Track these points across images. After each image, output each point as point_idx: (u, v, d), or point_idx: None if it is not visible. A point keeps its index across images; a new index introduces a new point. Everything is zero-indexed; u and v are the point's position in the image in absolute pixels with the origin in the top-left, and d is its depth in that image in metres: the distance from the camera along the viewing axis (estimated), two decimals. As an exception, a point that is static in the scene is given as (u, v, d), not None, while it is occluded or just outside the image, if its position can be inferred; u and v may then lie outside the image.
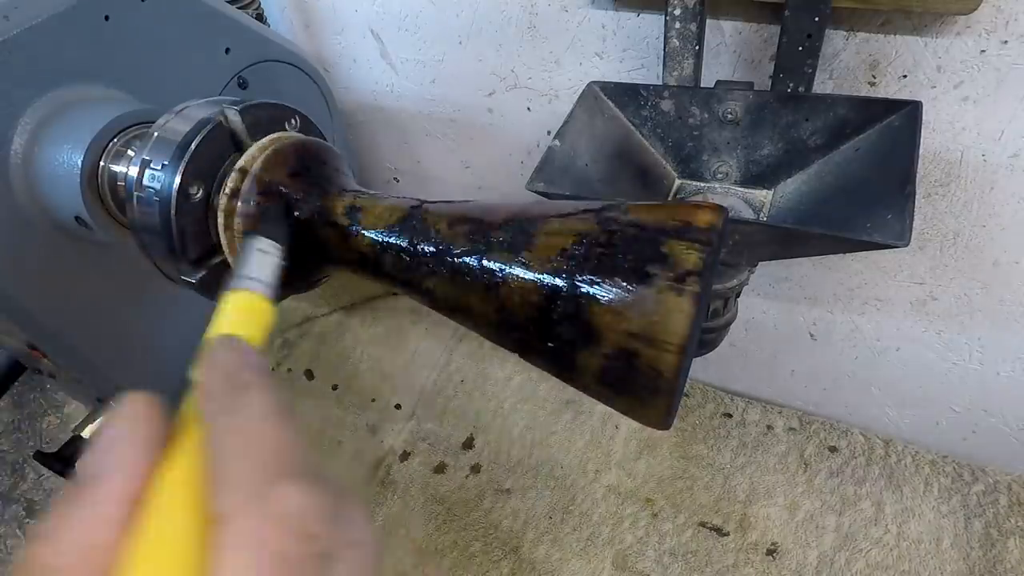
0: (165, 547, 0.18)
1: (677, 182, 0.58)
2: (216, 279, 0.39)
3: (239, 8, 0.64)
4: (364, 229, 0.35)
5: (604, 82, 0.56)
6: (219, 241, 0.37)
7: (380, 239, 0.34)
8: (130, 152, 0.45)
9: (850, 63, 0.54)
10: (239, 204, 0.36)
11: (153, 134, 0.38)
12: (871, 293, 0.67)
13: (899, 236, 0.39)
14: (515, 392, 0.79)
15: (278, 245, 0.32)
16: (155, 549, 0.18)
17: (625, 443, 0.73)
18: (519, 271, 0.28)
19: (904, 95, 0.53)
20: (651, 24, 0.59)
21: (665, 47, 0.52)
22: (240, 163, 0.36)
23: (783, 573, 0.61)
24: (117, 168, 0.45)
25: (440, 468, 0.73)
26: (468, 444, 0.75)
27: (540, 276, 0.27)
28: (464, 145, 0.81)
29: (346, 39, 0.78)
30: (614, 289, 0.25)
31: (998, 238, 0.57)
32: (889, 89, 0.54)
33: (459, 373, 0.81)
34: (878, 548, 0.62)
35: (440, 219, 0.32)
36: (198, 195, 0.36)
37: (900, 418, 0.75)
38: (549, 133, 0.73)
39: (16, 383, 0.68)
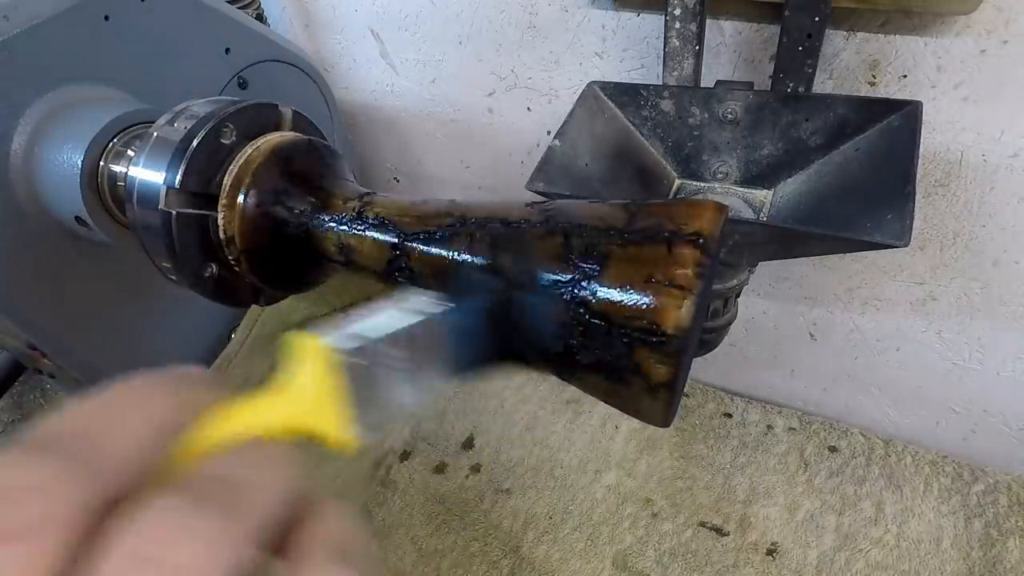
0: None
1: (677, 182, 0.58)
2: (228, 286, 0.39)
3: (239, 8, 0.64)
4: (359, 259, 0.35)
5: (604, 82, 0.56)
6: (222, 251, 0.38)
7: (376, 269, 0.35)
8: (130, 152, 0.45)
9: (850, 63, 0.54)
10: (235, 214, 0.36)
11: (153, 134, 0.38)
12: (871, 293, 0.67)
13: (899, 236, 0.39)
14: (515, 392, 0.79)
15: (444, 306, 0.22)
16: None
17: (625, 443, 0.73)
18: None
19: (904, 95, 0.53)
20: (651, 24, 0.59)
21: (665, 47, 0.52)
22: (230, 177, 0.37)
23: (783, 573, 0.61)
24: (117, 168, 0.45)
25: (440, 468, 0.73)
26: (468, 444, 0.75)
27: None
28: (464, 145, 0.81)
29: (346, 39, 0.79)
30: (591, 383, 0.27)
31: (998, 238, 0.57)
32: (889, 89, 0.54)
33: (461, 380, 0.81)
34: (878, 548, 0.62)
35: (426, 258, 0.32)
36: (195, 216, 0.37)
37: (900, 418, 0.75)
38: (549, 133, 0.73)
39: (16, 383, 0.68)
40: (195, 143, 0.36)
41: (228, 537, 0.14)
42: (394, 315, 0.21)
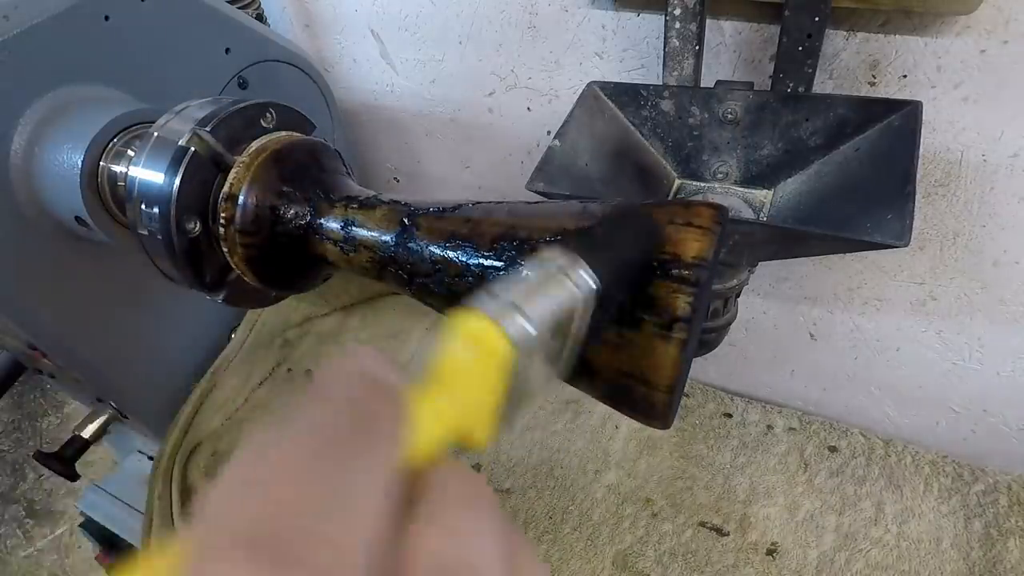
0: None
1: (677, 182, 0.58)
2: (240, 290, 0.39)
3: (239, 8, 0.64)
4: (358, 250, 0.35)
5: (604, 82, 0.56)
6: (230, 262, 0.38)
7: (376, 258, 0.34)
8: (130, 152, 0.45)
9: (850, 63, 0.54)
10: (236, 232, 0.36)
11: (153, 134, 0.38)
12: (871, 293, 0.67)
13: (899, 236, 0.39)
14: (515, 392, 0.79)
15: (595, 284, 0.20)
16: None
17: (625, 443, 0.73)
18: None
19: (904, 95, 0.53)
20: (651, 24, 0.59)
21: (665, 47, 0.52)
22: (226, 189, 0.36)
23: (783, 573, 0.61)
24: (117, 168, 0.45)
25: (440, 468, 0.72)
26: (468, 444, 0.75)
27: None
28: (464, 145, 0.81)
29: (346, 39, 0.78)
30: (604, 332, 0.25)
31: (998, 238, 0.57)
32: (889, 89, 0.54)
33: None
34: (878, 548, 0.62)
35: (432, 237, 0.31)
36: (195, 229, 0.37)
37: (900, 418, 0.75)
38: (549, 133, 0.73)
39: (16, 383, 0.68)
40: (236, 107, 0.36)
41: None
42: (561, 295, 0.18)
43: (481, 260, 0.29)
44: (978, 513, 0.63)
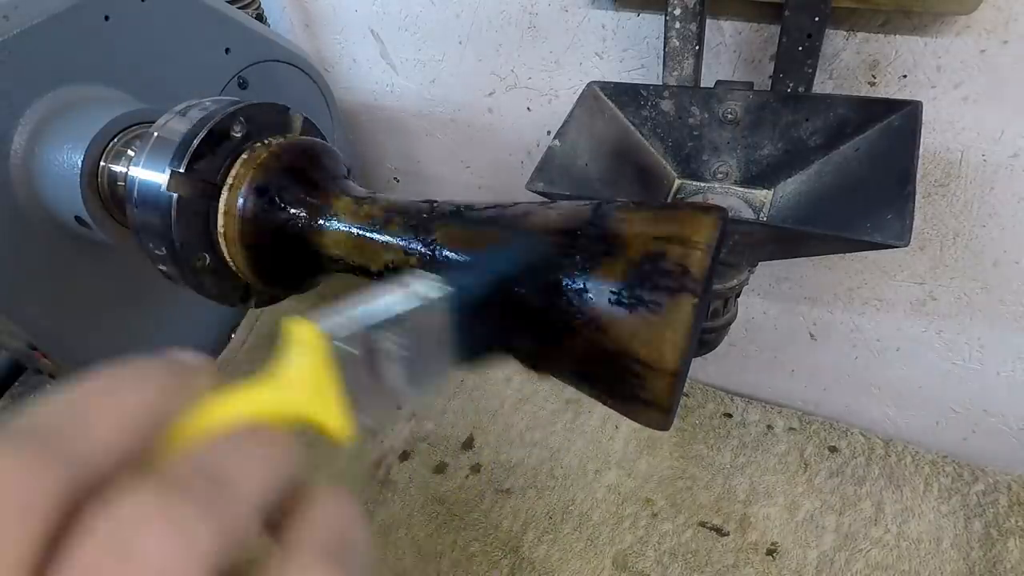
0: None
1: (677, 182, 0.58)
2: (219, 283, 0.39)
3: (239, 8, 0.64)
4: (358, 247, 0.35)
5: (604, 82, 0.56)
6: (219, 245, 0.37)
7: (376, 255, 0.34)
8: (130, 152, 0.45)
9: (850, 63, 0.54)
10: (236, 210, 0.36)
11: (153, 134, 0.38)
12: (871, 293, 0.67)
13: (899, 236, 0.39)
14: (515, 392, 0.79)
15: (445, 291, 0.22)
16: None
17: (625, 443, 0.73)
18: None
19: (904, 95, 0.53)
20: (651, 24, 0.59)
21: (665, 47, 0.52)
22: (235, 170, 0.36)
23: (783, 573, 0.61)
24: (117, 168, 0.45)
25: (440, 468, 0.73)
26: (468, 444, 0.75)
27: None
28: (464, 145, 0.81)
29: (346, 39, 0.78)
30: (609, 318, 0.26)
31: (998, 238, 0.57)
32: (889, 89, 0.54)
33: (459, 373, 0.82)
34: (878, 548, 0.62)
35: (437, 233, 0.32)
36: (206, 262, 0.37)
37: (900, 418, 0.75)
38: (549, 133, 0.73)
39: (16, 383, 0.68)
40: (204, 131, 0.36)
41: (207, 528, 0.14)
42: (394, 299, 0.21)
43: (481, 252, 0.29)
44: (978, 513, 0.63)
